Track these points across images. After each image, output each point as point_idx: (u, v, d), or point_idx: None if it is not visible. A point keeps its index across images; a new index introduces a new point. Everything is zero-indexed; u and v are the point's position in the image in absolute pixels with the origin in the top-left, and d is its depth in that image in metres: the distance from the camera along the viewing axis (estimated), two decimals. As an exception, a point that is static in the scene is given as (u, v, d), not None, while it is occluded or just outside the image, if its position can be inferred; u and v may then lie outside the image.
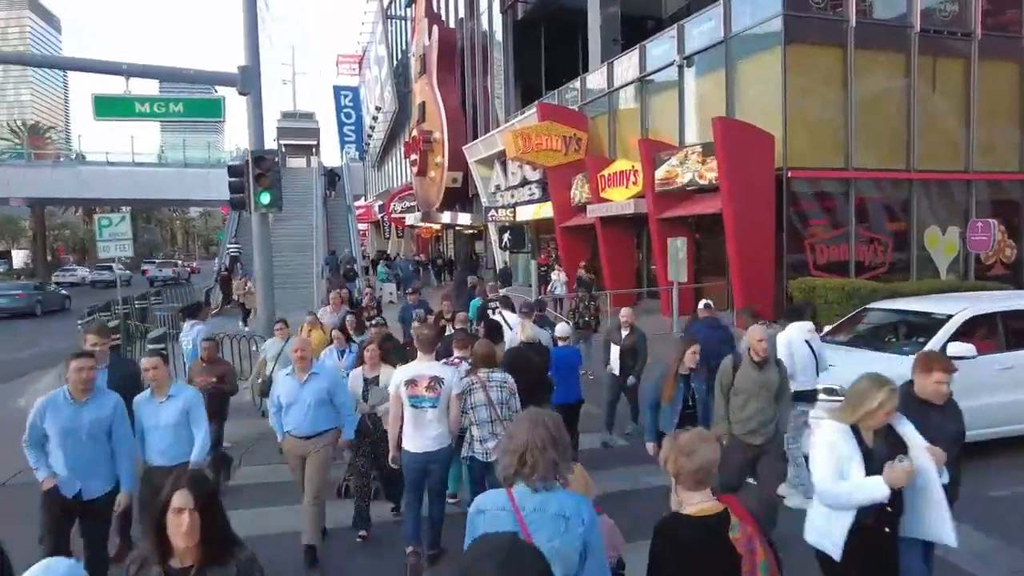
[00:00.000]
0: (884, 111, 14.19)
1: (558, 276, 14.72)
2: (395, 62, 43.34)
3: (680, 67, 15.91)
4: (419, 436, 4.59)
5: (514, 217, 24.94)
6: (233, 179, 11.33)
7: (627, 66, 18.20)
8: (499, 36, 27.07)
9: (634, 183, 15.78)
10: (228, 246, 24.07)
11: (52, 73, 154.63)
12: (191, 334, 8.04)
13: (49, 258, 56.82)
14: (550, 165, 19.49)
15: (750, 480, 5.13)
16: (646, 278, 17.98)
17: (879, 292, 12.14)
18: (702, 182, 13.85)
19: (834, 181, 13.76)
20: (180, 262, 57.03)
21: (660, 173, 14.82)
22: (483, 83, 29.62)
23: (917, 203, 14.42)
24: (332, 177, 31.62)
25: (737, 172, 12.83)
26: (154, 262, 48.09)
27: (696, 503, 2.32)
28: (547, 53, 27.06)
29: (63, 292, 27.88)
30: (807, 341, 5.93)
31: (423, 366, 4.69)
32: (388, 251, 42.89)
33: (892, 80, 14.24)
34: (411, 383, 4.57)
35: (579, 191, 18.75)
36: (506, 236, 9.62)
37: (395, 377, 4.71)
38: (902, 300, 8.52)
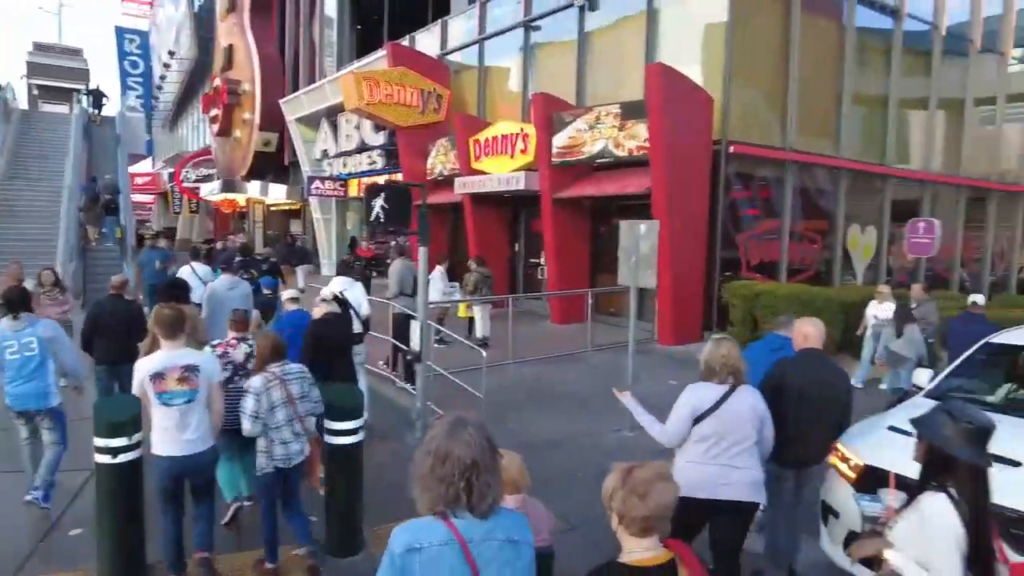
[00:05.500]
0: (819, 85, 12.00)
1: None
2: (197, 3, 35.81)
3: (581, 8, 12.58)
4: (174, 438, 3.76)
5: (346, 193, 20.39)
6: None
7: (507, 9, 14.57)
8: (332, -28, 22.10)
9: (523, 152, 12.17)
10: None
11: None
12: None
13: None
14: (402, 125, 15.29)
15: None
16: (522, 275, 14.50)
17: (832, 302, 9.77)
18: (618, 152, 10.62)
19: (772, 163, 11.24)
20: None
21: (561, 140, 11.35)
22: (309, 30, 24.35)
23: (844, 197, 12.46)
24: (98, 96, 24.55)
25: (674, 140, 9.74)
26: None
27: (640, 551, 1.92)
28: (391, -1, 22.66)
29: None
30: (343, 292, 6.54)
31: (171, 354, 3.82)
32: (178, 230, 35.54)
33: (828, 51, 12.11)
34: (158, 377, 3.72)
35: (440, 160, 14.77)
36: (378, 203, 5.48)
37: (136, 374, 3.77)
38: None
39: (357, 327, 6.68)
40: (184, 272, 8.46)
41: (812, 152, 11.74)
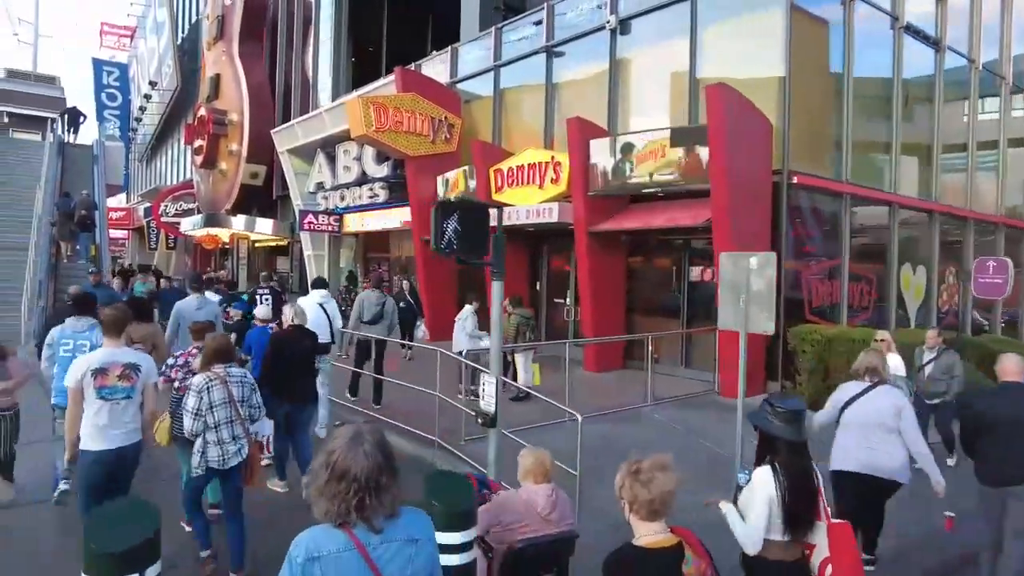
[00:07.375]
0: (873, 116, 11.26)
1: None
2: (180, 34, 34.81)
3: (613, 31, 11.74)
4: (110, 431, 3.99)
5: (340, 227, 19.17)
6: None
7: (526, 32, 13.71)
8: (329, 2, 21.25)
9: (554, 181, 11.11)
10: None
11: None
12: None
13: None
14: (412, 154, 14.21)
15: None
16: (545, 317, 13.29)
17: (904, 347, 8.73)
18: (667, 176, 9.62)
19: (833, 196, 10.33)
20: None
21: (605, 166, 10.31)
22: (301, 60, 23.41)
23: (897, 234, 11.59)
24: (75, 115, 23.18)
25: (737, 167, 8.76)
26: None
27: (650, 534, 2.22)
28: (391, 28, 21.88)
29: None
30: (320, 304, 7.42)
31: (113, 351, 4.07)
32: (155, 265, 33.76)
33: (882, 79, 11.41)
34: (100, 373, 3.95)
35: (459, 191, 13.66)
36: (451, 226, 4.30)
37: (75, 369, 3.96)
38: None
39: (326, 337, 7.25)
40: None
41: (868, 185, 10.90)
